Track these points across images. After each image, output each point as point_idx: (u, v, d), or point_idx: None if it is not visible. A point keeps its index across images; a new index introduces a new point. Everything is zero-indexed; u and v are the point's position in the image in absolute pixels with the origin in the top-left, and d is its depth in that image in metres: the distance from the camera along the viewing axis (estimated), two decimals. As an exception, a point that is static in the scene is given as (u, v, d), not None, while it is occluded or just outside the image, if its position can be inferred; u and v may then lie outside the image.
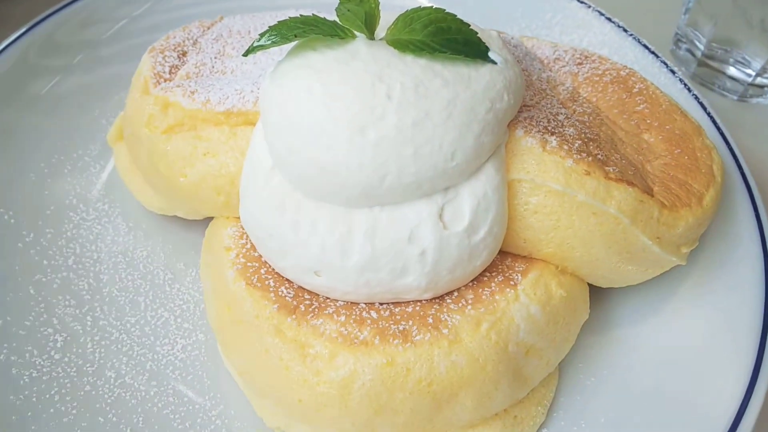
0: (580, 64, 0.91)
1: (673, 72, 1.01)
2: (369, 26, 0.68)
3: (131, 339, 0.80)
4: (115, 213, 0.93)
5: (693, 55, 1.23)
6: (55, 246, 0.87)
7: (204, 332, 0.81)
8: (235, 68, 0.88)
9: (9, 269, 0.83)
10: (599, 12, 1.11)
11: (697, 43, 1.22)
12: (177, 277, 0.87)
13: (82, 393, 0.74)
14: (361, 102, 0.63)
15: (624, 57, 1.05)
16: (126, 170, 0.92)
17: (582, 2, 1.13)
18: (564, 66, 0.91)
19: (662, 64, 1.03)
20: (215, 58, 0.90)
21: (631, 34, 1.07)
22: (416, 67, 0.65)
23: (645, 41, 1.05)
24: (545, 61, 0.92)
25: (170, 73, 0.88)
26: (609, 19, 1.10)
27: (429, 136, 0.63)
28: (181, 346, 0.80)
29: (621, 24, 1.09)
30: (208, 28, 0.97)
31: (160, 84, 0.85)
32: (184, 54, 0.91)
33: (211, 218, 0.84)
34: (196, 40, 0.94)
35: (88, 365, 0.77)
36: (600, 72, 0.90)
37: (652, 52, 1.04)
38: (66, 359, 0.77)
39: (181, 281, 0.86)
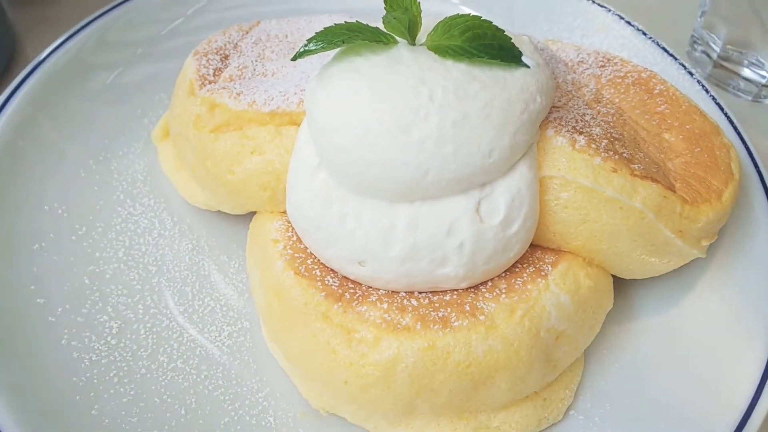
0: (602, 66, 0.96)
1: (691, 74, 1.06)
2: (411, 32, 0.73)
3: (180, 326, 0.85)
4: (160, 208, 0.97)
5: (708, 56, 1.27)
6: (105, 239, 0.92)
7: (249, 320, 0.86)
8: (276, 71, 0.93)
9: (65, 261, 0.88)
10: (619, 16, 1.15)
11: (713, 45, 1.26)
12: (221, 268, 0.92)
13: (138, 376, 0.79)
14: (405, 103, 0.68)
15: (643, 59, 1.09)
16: (171, 167, 0.97)
17: (602, 6, 1.17)
18: (587, 68, 0.95)
19: (680, 66, 1.07)
20: (256, 61, 0.95)
21: (650, 37, 1.11)
22: (456, 71, 0.70)
23: (664, 44, 1.10)
24: (569, 64, 0.97)
25: (214, 75, 0.93)
26: (629, 23, 1.14)
27: (468, 135, 0.68)
28: (227, 333, 0.85)
29: (640, 27, 1.13)
30: (247, 32, 1.02)
31: (205, 86, 0.90)
32: (226, 57, 0.96)
33: (253, 213, 0.89)
34: (237, 43, 0.99)
35: (142, 350, 0.82)
36: (622, 74, 0.94)
37: (671, 55, 1.08)
38: (122, 344, 0.82)
39: (225, 272, 0.91)
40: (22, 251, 0.87)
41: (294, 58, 0.74)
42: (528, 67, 0.73)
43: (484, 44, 0.72)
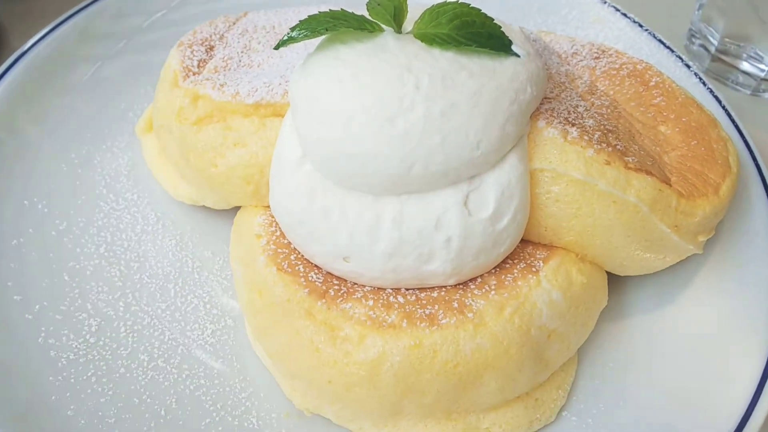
0: (597, 58, 0.93)
1: (688, 66, 1.03)
2: (397, 20, 0.70)
3: (162, 324, 0.83)
4: (143, 203, 0.95)
5: (706, 50, 1.25)
6: (87, 234, 0.90)
7: (232, 318, 0.84)
8: (262, 62, 0.90)
9: (44, 256, 0.86)
10: (615, 8, 1.13)
11: (711, 39, 1.24)
12: (205, 264, 0.89)
13: (117, 375, 0.77)
14: (390, 93, 0.65)
15: (639, 52, 1.07)
16: (154, 161, 0.95)
17: (597, -2, 1.15)
18: (581, 60, 0.93)
19: (677, 58, 1.04)
20: (242, 52, 0.93)
21: (646, 30, 1.09)
22: (443, 59, 0.67)
23: (660, 36, 1.07)
24: (563, 56, 0.94)
25: (198, 66, 0.90)
26: (625, 15, 1.12)
27: (456, 126, 0.66)
28: (210, 331, 0.82)
29: (636, 20, 1.11)
30: (234, 23, 0.99)
31: (189, 77, 0.87)
32: (212, 48, 0.94)
33: (238, 208, 0.86)
34: (223, 34, 0.97)
35: (121, 349, 0.79)
36: (617, 66, 0.92)
37: (668, 47, 1.06)
38: (101, 343, 0.79)
39: (209, 269, 0.89)
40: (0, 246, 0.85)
41: (277, 47, 0.71)
42: (518, 56, 0.71)
43: (473, 32, 0.69)
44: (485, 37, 0.69)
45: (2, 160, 0.92)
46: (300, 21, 0.70)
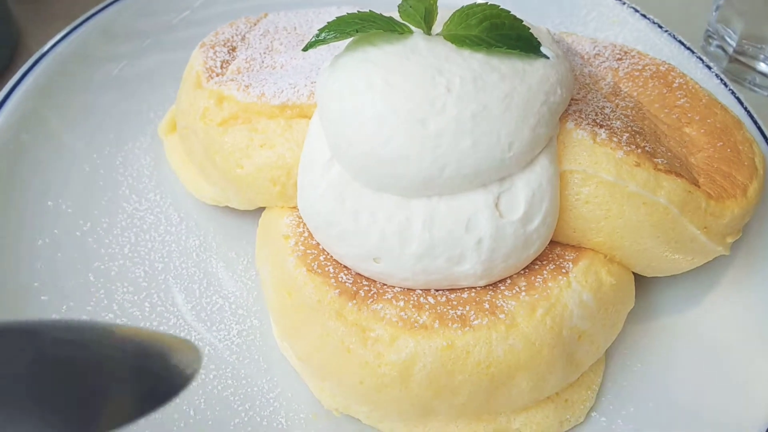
0: (619, 59, 0.93)
1: (709, 67, 1.03)
2: (428, 22, 0.70)
3: (188, 324, 0.83)
4: (166, 204, 0.95)
5: (724, 51, 1.25)
6: (111, 235, 0.90)
7: (258, 318, 0.84)
8: (285, 63, 0.91)
9: (69, 257, 0.86)
10: (634, 9, 1.13)
11: (728, 40, 1.24)
12: (229, 265, 0.89)
13: (145, 375, 0.77)
14: (422, 95, 0.66)
15: (659, 53, 1.07)
16: (177, 162, 0.95)
17: (616, -1, 1.15)
18: (604, 61, 0.93)
19: (698, 60, 1.04)
20: (264, 53, 0.93)
21: (666, 31, 1.09)
22: (473, 61, 0.68)
23: (680, 37, 1.07)
24: (585, 57, 0.94)
25: (221, 67, 0.90)
26: (644, 16, 1.11)
27: (487, 127, 0.66)
28: (236, 332, 0.83)
29: (656, 20, 1.11)
30: (255, 24, 1.00)
31: (212, 78, 0.88)
32: (234, 49, 0.94)
33: (261, 209, 0.87)
34: (244, 35, 0.97)
35: (148, 349, 0.80)
36: (640, 67, 0.92)
37: (688, 48, 1.06)
38: (128, 343, 0.79)
39: (234, 269, 0.89)
40: (25, 247, 0.85)
41: (305, 49, 0.72)
42: (547, 58, 0.71)
43: (502, 34, 0.69)
44: (514, 39, 0.70)
45: (26, 161, 0.92)
46: (328, 23, 0.71)
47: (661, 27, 1.10)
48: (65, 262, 0.86)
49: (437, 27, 0.72)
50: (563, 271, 0.72)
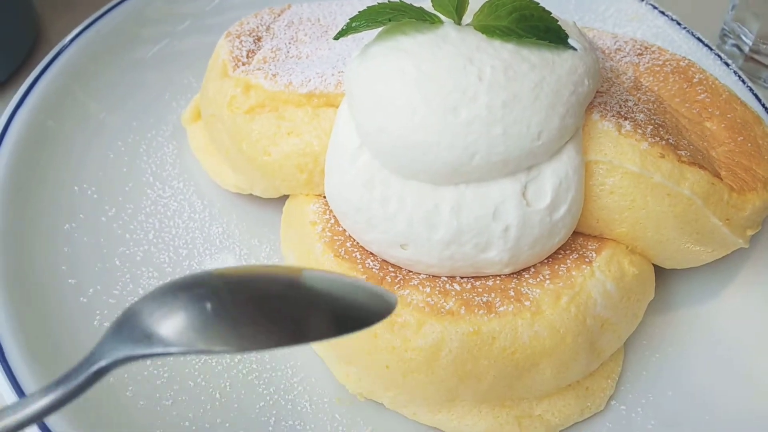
0: (640, 54, 0.94)
1: (727, 64, 1.04)
2: (459, 12, 0.71)
3: (212, 310, 0.84)
4: (189, 191, 0.96)
5: (740, 50, 1.25)
6: (135, 221, 0.91)
7: (282, 304, 0.85)
8: (310, 53, 0.91)
9: (96, 241, 0.87)
10: (653, 5, 1.14)
11: (744, 39, 1.24)
12: (252, 252, 0.90)
13: (171, 358, 0.78)
14: (453, 83, 0.67)
15: (677, 50, 1.07)
16: (201, 150, 0.96)
17: (634, -5, 1.16)
18: (625, 56, 0.94)
19: (716, 57, 1.05)
20: (289, 43, 0.94)
21: (684, 28, 1.10)
22: (504, 51, 0.68)
23: (699, 34, 1.08)
24: (606, 51, 0.95)
25: (247, 57, 0.91)
26: (662, 13, 1.12)
27: (518, 116, 0.67)
28: (260, 317, 0.83)
29: (674, 17, 1.12)
30: (279, 15, 1.00)
31: (239, 67, 0.89)
32: (259, 39, 0.95)
33: (283, 197, 0.87)
34: (269, 26, 0.98)
35: (174, 333, 0.80)
36: (660, 62, 0.93)
37: (706, 45, 1.07)
38: (154, 326, 0.80)
39: (257, 256, 0.90)
40: (53, 231, 0.86)
41: (337, 37, 0.72)
42: (575, 49, 0.72)
43: (531, 25, 0.70)
44: (543, 30, 0.70)
45: (53, 147, 0.93)
46: (359, 12, 0.71)
47: (679, 24, 1.11)
48: (91, 247, 0.87)
49: (467, 18, 0.73)
50: (587, 260, 0.73)
